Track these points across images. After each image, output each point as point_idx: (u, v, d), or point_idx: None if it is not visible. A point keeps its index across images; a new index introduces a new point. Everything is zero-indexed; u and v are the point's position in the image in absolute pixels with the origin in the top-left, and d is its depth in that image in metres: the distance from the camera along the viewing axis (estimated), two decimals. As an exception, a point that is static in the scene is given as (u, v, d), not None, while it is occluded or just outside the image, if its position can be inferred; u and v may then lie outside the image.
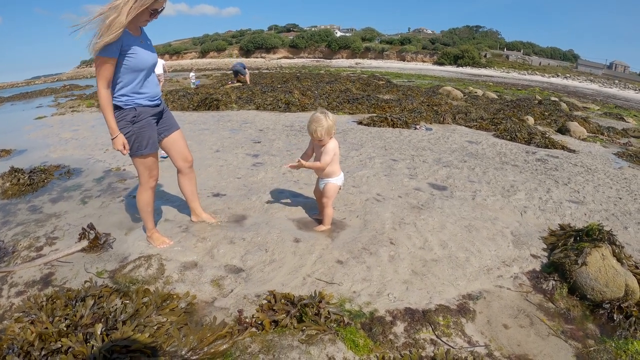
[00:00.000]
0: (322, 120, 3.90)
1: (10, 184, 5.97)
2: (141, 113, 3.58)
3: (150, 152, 3.68)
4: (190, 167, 4.20)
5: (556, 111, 17.04)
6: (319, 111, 3.98)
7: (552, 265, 3.89)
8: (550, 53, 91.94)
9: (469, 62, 71.03)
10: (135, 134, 3.56)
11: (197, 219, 4.53)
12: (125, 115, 3.51)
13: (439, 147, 8.74)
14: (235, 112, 13.54)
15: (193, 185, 4.35)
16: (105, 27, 3.13)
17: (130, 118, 3.53)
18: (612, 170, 7.77)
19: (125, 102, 3.50)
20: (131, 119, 3.53)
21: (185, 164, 4.15)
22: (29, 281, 3.58)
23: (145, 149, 3.64)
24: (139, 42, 3.46)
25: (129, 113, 3.52)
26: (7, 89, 41.47)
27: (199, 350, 2.72)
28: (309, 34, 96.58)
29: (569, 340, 3.07)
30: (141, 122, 3.58)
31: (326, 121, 3.90)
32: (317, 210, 4.82)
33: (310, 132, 4.00)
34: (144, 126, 3.61)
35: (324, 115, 3.93)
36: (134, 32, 3.43)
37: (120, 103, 3.49)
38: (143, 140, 3.61)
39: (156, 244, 4.00)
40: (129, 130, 3.53)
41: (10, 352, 2.56)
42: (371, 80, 25.23)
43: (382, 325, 3.02)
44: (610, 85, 52.26)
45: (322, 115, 3.93)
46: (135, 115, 3.54)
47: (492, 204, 5.40)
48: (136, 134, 3.56)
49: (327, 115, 3.94)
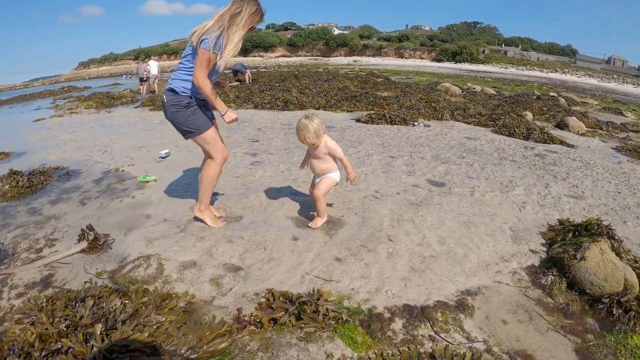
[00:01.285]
0: (308, 125, 3.96)
1: (9, 187, 5.97)
2: (193, 102, 4.01)
3: (207, 128, 4.09)
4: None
5: (555, 106, 17.05)
6: (304, 117, 4.05)
7: (550, 260, 3.90)
8: (549, 48, 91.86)
9: (467, 59, 70.98)
10: (189, 117, 4.00)
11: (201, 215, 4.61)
12: (180, 100, 3.95)
13: (437, 144, 8.74)
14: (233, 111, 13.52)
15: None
16: (230, 34, 3.73)
17: (185, 104, 3.95)
18: (610, 164, 7.78)
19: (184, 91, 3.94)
20: (185, 105, 3.96)
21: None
22: (29, 283, 3.58)
23: (202, 127, 4.05)
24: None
25: (184, 99, 3.95)
26: (5, 92, 41.47)
27: (198, 348, 2.73)
28: (307, 32, 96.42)
29: (568, 335, 3.08)
30: (193, 107, 4.01)
31: (312, 125, 3.95)
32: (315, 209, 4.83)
33: (301, 140, 4.07)
34: (196, 110, 4.04)
35: (308, 120, 3.99)
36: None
37: (177, 88, 3.94)
38: (197, 121, 4.04)
39: (210, 223, 4.39)
40: (183, 114, 3.99)
41: (11, 353, 2.57)
42: (369, 78, 25.25)
43: (381, 322, 3.02)
44: (609, 80, 52.24)
45: (307, 121, 3.98)
46: (189, 102, 3.97)
47: (490, 200, 5.40)
48: (190, 117, 4.00)
49: (311, 119, 3.99)
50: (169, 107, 3.96)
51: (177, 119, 4.00)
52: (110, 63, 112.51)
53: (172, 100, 3.94)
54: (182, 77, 3.93)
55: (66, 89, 29.81)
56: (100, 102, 16.95)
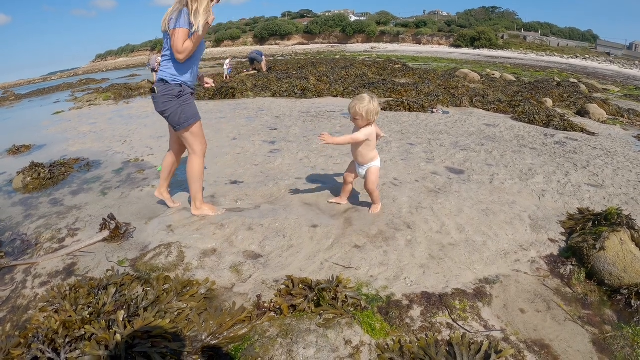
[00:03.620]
0: (365, 99, 3.99)
1: (31, 179, 6.09)
2: (185, 89, 4.03)
3: (195, 120, 4.12)
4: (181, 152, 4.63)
5: (575, 93, 16.76)
6: (367, 93, 4.09)
7: (570, 250, 3.86)
8: (569, 34, 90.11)
9: (486, 44, 69.87)
10: (181, 107, 4.00)
11: (160, 195, 4.76)
12: (171, 89, 3.96)
13: (456, 131, 8.67)
14: (251, 99, 13.58)
15: (174, 167, 4.68)
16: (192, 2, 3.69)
17: (177, 93, 3.97)
18: (632, 153, 7.64)
19: (174, 78, 3.96)
20: (177, 94, 3.97)
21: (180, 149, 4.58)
22: (52, 272, 3.66)
23: (192, 119, 4.07)
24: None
25: (175, 88, 3.96)
26: (24, 86, 41.89)
27: (219, 334, 2.77)
28: (323, 19, 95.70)
29: (585, 325, 3.05)
30: (184, 96, 4.02)
31: (369, 102, 3.98)
32: (334, 196, 4.86)
33: (349, 109, 4.10)
34: (187, 100, 4.05)
35: (369, 96, 4.02)
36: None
37: (167, 77, 3.95)
38: (188, 112, 4.04)
39: (211, 213, 4.46)
40: (174, 104, 3.99)
41: (35, 340, 2.63)
42: (387, 65, 25.02)
43: (399, 309, 3.04)
44: (631, 67, 51.06)
45: (367, 96, 4.02)
46: (180, 91, 3.98)
47: (509, 188, 5.36)
48: (182, 107, 4.00)
49: (373, 98, 4.02)
50: (160, 97, 3.96)
51: (168, 110, 4.01)
52: (127, 54, 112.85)
53: (164, 90, 3.95)
54: (167, 66, 3.96)
55: (84, 81, 30.01)
56: (119, 94, 17.07)
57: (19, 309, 3.23)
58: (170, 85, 3.94)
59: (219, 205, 4.74)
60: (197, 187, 4.34)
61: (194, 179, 4.28)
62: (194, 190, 4.36)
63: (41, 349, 2.56)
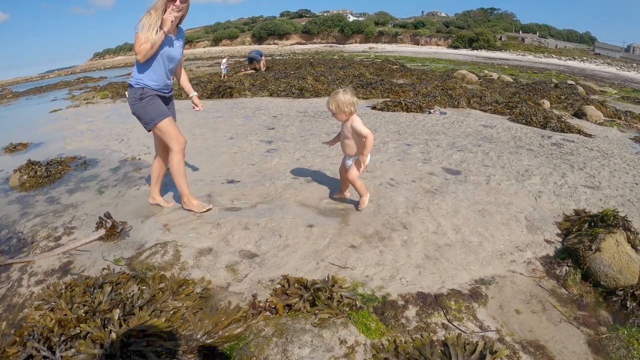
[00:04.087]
0: (338, 93, 4.09)
1: (27, 177, 6.08)
2: (147, 91, 4.11)
3: (162, 118, 4.17)
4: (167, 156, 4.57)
5: (572, 95, 16.77)
6: (341, 88, 4.19)
7: (566, 251, 3.88)
8: (567, 35, 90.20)
9: (484, 45, 69.88)
10: (144, 108, 4.11)
11: (153, 200, 4.83)
12: (134, 92, 4.10)
13: (453, 131, 8.68)
14: (249, 99, 13.57)
15: (162, 171, 4.76)
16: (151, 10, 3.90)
17: (138, 95, 4.08)
18: (629, 155, 7.65)
19: (137, 82, 4.09)
20: (139, 96, 4.08)
21: (165, 153, 4.58)
22: (48, 270, 3.66)
23: (157, 118, 4.14)
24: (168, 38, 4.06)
25: (137, 91, 4.09)
26: (22, 84, 41.87)
27: (214, 333, 2.77)
28: (322, 19, 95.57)
29: (581, 326, 3.07)
30: (147, 97, 4.11)
31: (342, 95, 4.07)
32: (329, 197, 4.87)
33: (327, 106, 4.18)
34: (150, 100, 4.13)
35: (342, 90, 4.12)
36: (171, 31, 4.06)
37: (132, 81, 4.12)
38: (153, 112, 4.13)
39: (197, 209, 4.48)
40: (139, 106, 4.12)
41: (31, 339, 2.63)
42: (385, 65, 25.04)
43: (394, 309, 3.05)
44: (628, 69, 51.14)
45: (340, 90, 4.12)
46: (142, 93, 4.09)
47: (506, 189, 5.37)
48: (145, 108, 4.11)
49: (345, 91, 4.11)
50: (129, 100, 4.15)
51: (136, 112, 4.17)
52: (125, 53, 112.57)
53: (130, 94, 4.13)
54: (133, 71, 4.14)
55: (82, 79, 29.97)
56: (116, 92, 17.03)
57: (15, 307, 3.23)
58: (134, 88, 4.10)
59: (215, 204, 4.73)
60: (180, 182, 4.39)
61: (174, 174, 4.35)
62: (178, 186, 4.44)
63: (36, 347, 2.55)
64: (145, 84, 4.08)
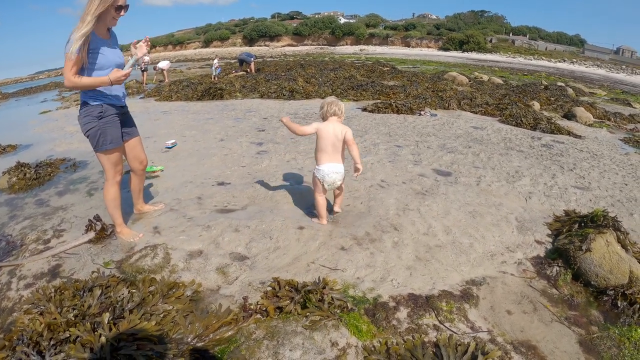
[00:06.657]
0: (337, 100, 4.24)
1: (17, 179, 6.02)
2: (107, 110, 3.73)
3: (114, 147, 3.83)
4: (143, 169, 4.44)
5: (562, 96, 16.91)
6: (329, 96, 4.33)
7: (556, 251, 3.90)
8: (557, 38, 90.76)
9: (475, 48, 70.25)
10: (100, 128, 3.70)
11: (139, 212, 4.70)
12: (91, 111, 3.67)
13: (444, 133, 8.71)
14: (240, 100, 13.55)
15: (141, 183, 4.59)
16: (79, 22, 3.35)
17: (97, 114, 3.67)
18: (618, 156, 7.72)
19: (94, 99, 3.66)
20: (97, 115, 3.67)
21: (140, 166, 4.39)
22: (37, 273, 3.62)
23: (110, 144, 3.77)
24: (107, 44, 3.63)
25: (95, 109, 3.67)
26: (11, 85, 41.53)
27: (205, 337, 2.75)
28: (313, 21, 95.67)
29: (572, 326, 3.08)
30: (107, 118, 3.73)
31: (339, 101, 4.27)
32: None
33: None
34: (109, 122, 3.75)
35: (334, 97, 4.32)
36: (103, 35, 3.59)
37: (88, 99, 3.66)
38: (107, 136, 3.74)
39: (130, 239, 4.07)
40: (95, 125, 3.68)
41: (20, 343, 2.60)
42: (376, 67, 25.08)
43: (386, 310, 3.04)
44: (618, 71, 51.62)
45: (332, 97, 4.34)
46: (101, 112, 3.69)
47: (496, 190, 5.39)
48: (101, 129, 3.70)
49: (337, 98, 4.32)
50: (83, 120, 3.71)
51: (90, 131, 3.71)
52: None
53: (84, 112, 3.70)
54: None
55: (72, 79, 29.77)
56: (107, 93, 16.92)
57: (4, 311, 3.19)
58: (91, 106, 3.66)
59: (205, 206, 4.71)
60: (112, 213, 4.08)
61: (108, 206, 4.06)
62: (112, 217, 4.12)
63: (26, 351, 2.53)
64: (105, 101, 3.71)
